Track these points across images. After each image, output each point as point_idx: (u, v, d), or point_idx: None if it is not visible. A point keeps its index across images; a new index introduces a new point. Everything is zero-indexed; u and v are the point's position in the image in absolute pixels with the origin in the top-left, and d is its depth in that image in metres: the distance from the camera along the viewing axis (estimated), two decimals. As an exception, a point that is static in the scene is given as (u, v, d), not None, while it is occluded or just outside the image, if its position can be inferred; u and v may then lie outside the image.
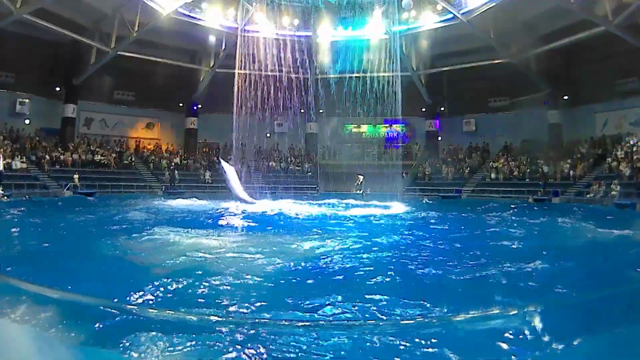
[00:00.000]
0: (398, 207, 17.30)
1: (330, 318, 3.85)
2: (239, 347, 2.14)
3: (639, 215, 15.55)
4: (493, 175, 26.40)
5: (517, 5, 22.85)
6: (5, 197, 16.54)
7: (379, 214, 14.62)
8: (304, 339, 2.26)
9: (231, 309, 4.03)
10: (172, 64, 28.29)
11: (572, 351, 2.10)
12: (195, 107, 31.20)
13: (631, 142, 21.47)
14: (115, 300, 3.86)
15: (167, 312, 2.53)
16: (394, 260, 6.65)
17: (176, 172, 27.21)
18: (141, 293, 4.34)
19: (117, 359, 2.03)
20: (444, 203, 22.65)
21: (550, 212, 15.66)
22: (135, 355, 2.07)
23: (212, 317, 2.54)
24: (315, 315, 3.92)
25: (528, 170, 25.13)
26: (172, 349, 2.12)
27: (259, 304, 4.14)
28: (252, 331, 2.25)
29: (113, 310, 2.40)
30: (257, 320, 3.55)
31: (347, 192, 26.25)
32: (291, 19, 28.92)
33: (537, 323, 2.16)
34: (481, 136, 30.24)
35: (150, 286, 4.56)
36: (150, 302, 4.14)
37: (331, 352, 2.12)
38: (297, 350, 2.12)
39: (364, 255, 6.82)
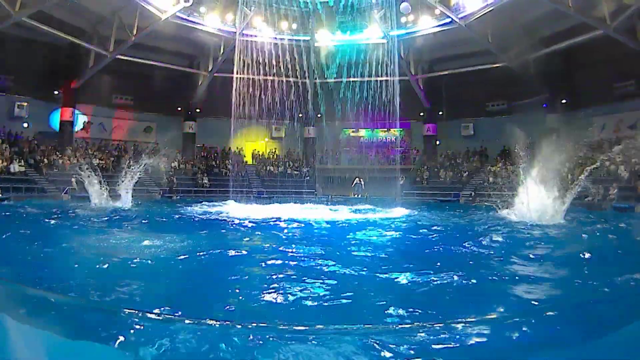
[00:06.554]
0: (398, 211, 17.24)
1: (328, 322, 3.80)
2: (236, 351, 2.10)
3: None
4: (491, 179, 26.38)
5: (515, 9, 22.97)
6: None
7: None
8: (301, 344, 2.22)
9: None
10: (171, 68, 28.30)
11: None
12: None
13: None
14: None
15: (167, 316, 2.50)
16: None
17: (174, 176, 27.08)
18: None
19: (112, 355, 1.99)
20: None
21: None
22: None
23: (211, 322, 2.50)
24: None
25: (526, 174, 25.10)
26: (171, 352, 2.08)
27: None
28: (254, 336, 2.21)
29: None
30: (254, 324, 3.51)
31: (345, 196, 26.31)
32: (289, 24, 29.00)
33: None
34: (481, 140, 30.26)
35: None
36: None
37: (328, 357, 2.08)
38: (293, 356, 2.07)
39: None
